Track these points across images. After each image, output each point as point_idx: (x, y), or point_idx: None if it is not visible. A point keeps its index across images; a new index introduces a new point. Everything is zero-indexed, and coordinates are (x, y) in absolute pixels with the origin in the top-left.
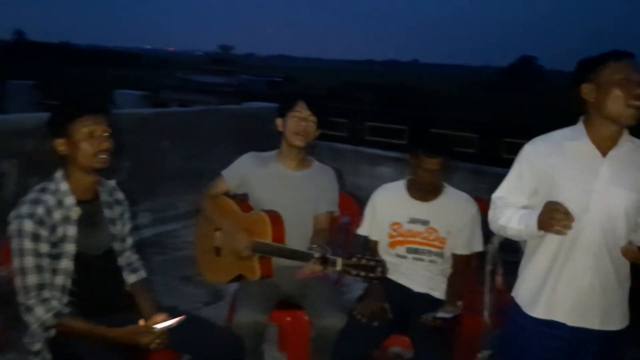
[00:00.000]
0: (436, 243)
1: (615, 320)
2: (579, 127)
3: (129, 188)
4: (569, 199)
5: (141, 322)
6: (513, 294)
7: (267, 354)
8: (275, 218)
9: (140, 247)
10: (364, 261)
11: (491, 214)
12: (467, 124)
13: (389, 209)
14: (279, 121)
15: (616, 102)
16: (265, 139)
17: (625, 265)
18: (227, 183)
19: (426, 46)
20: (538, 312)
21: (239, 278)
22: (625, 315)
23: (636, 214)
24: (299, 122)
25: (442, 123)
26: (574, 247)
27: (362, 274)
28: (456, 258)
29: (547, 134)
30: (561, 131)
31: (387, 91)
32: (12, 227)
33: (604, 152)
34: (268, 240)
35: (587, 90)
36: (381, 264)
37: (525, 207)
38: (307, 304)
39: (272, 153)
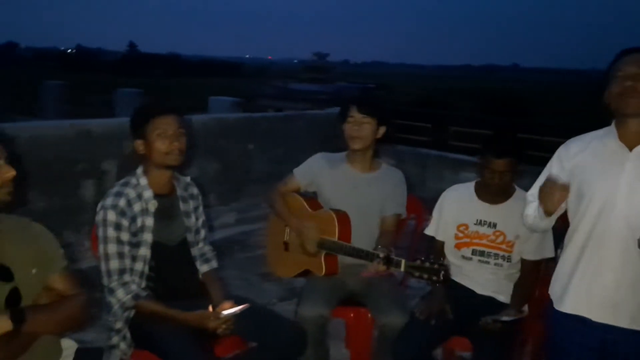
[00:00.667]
0: (503, 246)
1: None
2: (611, 127)
3: (217, 189)
4: (596, 195)
5: (210, 308)
6: (549, 289)
7: (334, 351)
8: (343, 217)
9: (224, 243)
10: (427, 264)
11: (524, 210)
12: (562, 129)
13: (456, 210)
14: (341, 127)
15: (615, 98)
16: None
17: None
18: (298, 181)
19: (526, 49)
20: (565, 306)
21: (305, 273)
22: None
23: None
24: (352, 127)
25: (535, 128)
26: (600, 242)
27: (425, 276)
28: (524, 263)
29: (581, 135)
30: (594, 132)
31: (483, 96)
32: (98, 217)
33: (631, 148)
34: (334, 238)
35: (606, 95)
36: (444, 268)
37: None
38: (370, 301)
39: (342, 154)
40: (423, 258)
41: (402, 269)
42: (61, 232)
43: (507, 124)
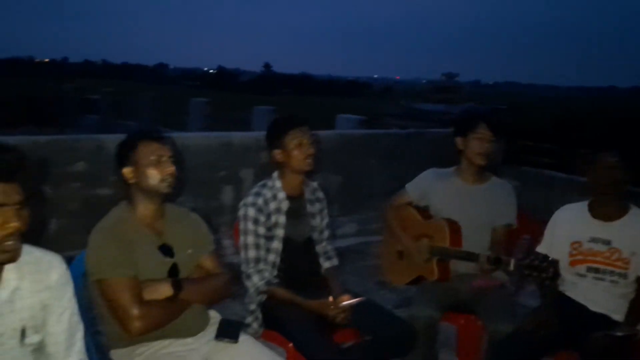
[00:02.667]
0: (619, 263)
1: None
2: None
3: (339, 200)
4: None
5: (330, 299)
6: None
7: (444, 357)
8: (454, 225)
9: (345, 252)
10: (536, 262)
11: None
12: None
13: (569, 228)
14: (458, 140)
15: None
16: None
17: None
18: (410, 195)
19: None
20: None
21: (417, 280)
22: None
23: None
24: (480, 143)
25: None
26: None
27: (535, 274)
28: None
29: None
30: None
31: (625, 120)
32: (240, 212)
33: None
34: (446, 245)
35: None
36: (553, 264)
37: None
38: (481, 309)
39: (452, 169)
40: (532, 257)
41: (512, 267)
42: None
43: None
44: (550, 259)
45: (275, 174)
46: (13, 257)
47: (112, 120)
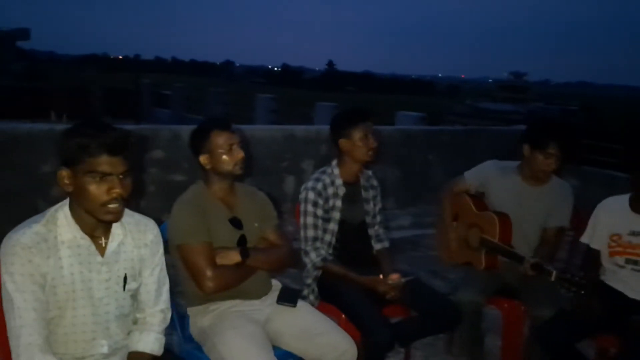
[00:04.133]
0: None
1: None
2: None
3: (396, 193)
4: None
5: (380, 276)
6: None
7: (489, 342)
8: (504, 221)
9: (399, 243)
10: (576, 279)
11: None
12: None
13: (610, 221)
14: (526, 147)
15: None
16: None
17: None
18: (468, 183)
19: None
20: None
21: (468, 264)
22: None
23: None
24: (547, 161)
25: None
26: None
27: (572, 289)
28: None
29: None
30: None
31: None
32: (301, 195)
33: None
34: (494, 238)
35: None
36: (591, 284)
37: None
38: (525, 294)
39: (514, 165)
40: (573, 273)
41: (553, 279)
42: None
43: None
44: (587, 279)
45: (334, 162)
46: (117, 218)
47: (184, 114)
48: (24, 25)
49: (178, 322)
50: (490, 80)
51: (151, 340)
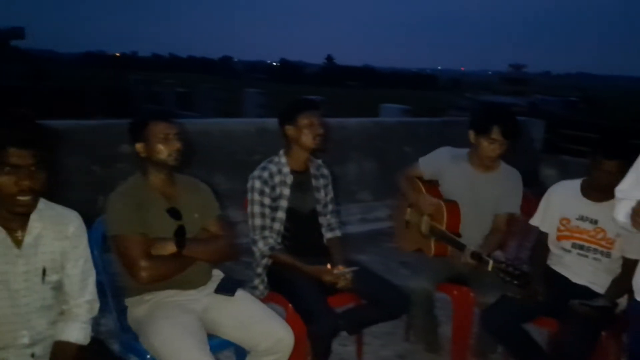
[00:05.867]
0: (603, 243)
1: None
2: None
3: (372, 186)
4: None
5: (328, 266)
6: (633, 281)
7: (444, 329)
8: (452, 209)
9: (374, 234)
10: (510, 269)
11: (615, 207)
12: None
13: (560, 205)
14: (471, 134)
15: None
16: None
17: None
18: (422, 170)
19: None
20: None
21: (420, 250)
22: None
23: None
24: (491, 147)
25: None
26: None
27: (508, 279)
28: (626, 261)
29: None
30: None
31: None
32: (248, 184)
33: None
34: (442, 227)
35: None
36: (525, 276)
37: None
38: (474, 282)
39: (465, 152)
40: (509, 262)
41: (489, 268)
42: (239, 211)
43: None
44: (524, 269)
45: (282, 151)
46: (27, 210)
47: (174, 111)
48: (19, 25)
49: (117, 313)
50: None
51: (76, 330)
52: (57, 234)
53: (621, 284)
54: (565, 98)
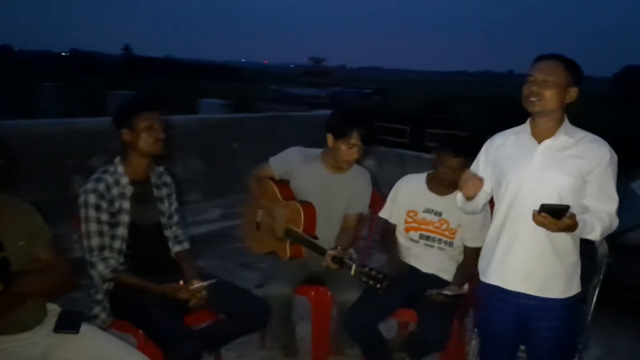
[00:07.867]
0: (447, 233)
1: (555, 289)
2: (526, 123)
3: (202, 186)
4: (511, 182)
5: (181, 282)
6: (478, 264)
7: (301, 328)
8: (308, 211)
9: (208, 237)
10: (373, 273)
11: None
12: None
13: (408, 197)
14: (330, 137)
15: (524, 100)
16: None
17: (563, 240)
18: (273, 170)
19: (522, 57)
20: (488, 278)
21: (273, 252)
22: (568, 286)
23: (572, 194)
24: (351, 151)
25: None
26: (514, 221)
27: (370, 282)
28: (466, 249)
29: (505, 130)
30: (514, 128)
31: (487, 102)
32: (80, 199)
33: (540, 142)
34: (299, 229)
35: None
36: (387, 279)
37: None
38: (330, 281)
39: (317, 153)
40: (372, 267)
41: (352, 273)
42: (54, 223)
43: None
44: (386, 272)
45: (117, 159)
46: None
47: None
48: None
49: None
50: (292, 66)
51: None
52: None
53: (465, 270)
54: (361, 90)
